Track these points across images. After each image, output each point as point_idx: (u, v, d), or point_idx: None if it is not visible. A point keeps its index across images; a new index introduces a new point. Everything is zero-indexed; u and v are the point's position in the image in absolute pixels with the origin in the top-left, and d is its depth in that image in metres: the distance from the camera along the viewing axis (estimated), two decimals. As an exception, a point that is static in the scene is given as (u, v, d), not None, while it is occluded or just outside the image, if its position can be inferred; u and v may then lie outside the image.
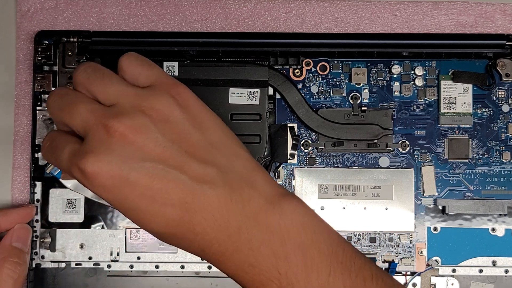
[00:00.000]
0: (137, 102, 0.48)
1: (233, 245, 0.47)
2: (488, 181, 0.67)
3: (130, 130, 0.47)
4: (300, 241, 0.47)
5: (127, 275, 0.66)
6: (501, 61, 0.66)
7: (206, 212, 0.47)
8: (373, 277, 0.48)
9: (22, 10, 0.68)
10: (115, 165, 0.46)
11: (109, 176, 0.46)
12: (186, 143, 0.48)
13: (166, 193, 0.47)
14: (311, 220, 0.49)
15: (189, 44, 0.65)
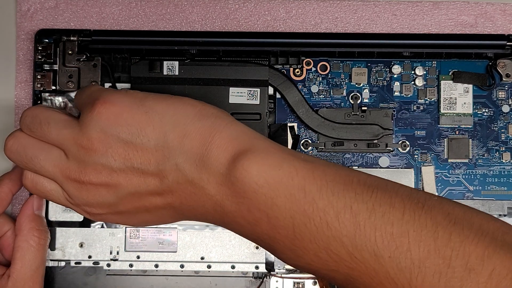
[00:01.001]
0: (79, 144, 0.52)
1: (222, 221, 0.52)
2: (488, 182, 0.67)
3: (93, 176, 0.52)
4: (261, 203, 0.48)
5: (127, 274, 0.66)
6: (502, 62, 0.66)
7: (187, 205, 0.52)
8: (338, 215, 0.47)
9: (22, 10, 0.68)
10: (105, 206, 0.54)
11: (109, 214, 0.55)
12: (136, 158, 0.51)
13: (150, 204, 0.53)
14: (268, 175, 0.49)
15: (189, 44, 0.65)
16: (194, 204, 0.52)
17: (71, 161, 0.53)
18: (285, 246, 0.49)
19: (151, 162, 0.51)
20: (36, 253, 0.60)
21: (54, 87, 0.66)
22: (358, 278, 0.47)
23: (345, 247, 0.46)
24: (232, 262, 0.66)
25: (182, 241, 0.66)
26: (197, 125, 0.51)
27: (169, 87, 0.64)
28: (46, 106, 0.63)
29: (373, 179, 0.50)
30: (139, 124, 0.51)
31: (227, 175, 0.49)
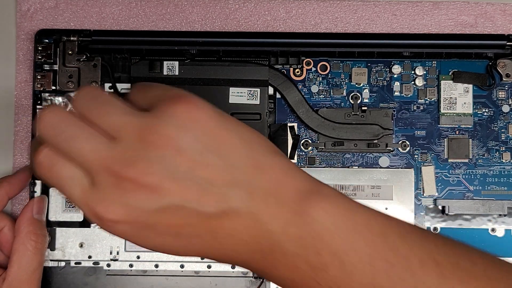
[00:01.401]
0: (142, 136, 0.44)
1: (270, 264, 0.46)
2: (488, 182, 0.67)
3: (141, 174, 0.43)
4: (335, 247, 0.44)
5: (127, 274, 0.66)
6: (502, 62, 0.66)
7: (235, 238, 0.45)
8: (423, 264, 0.45)
9: (22, 10, 0.68)
10: (133, 212, 0.44)
11: (127, 223, 0.44)
12: (202, 171, 0.44)
13: (189, 226, 0.44)
14: (344, 218, 0.45)
15: (189, 44, 0.65)
16: (243, 240, 0.46)
17: (120, 151, 0.45)
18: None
19: (217, 182, 0.45)
20: (33, 256, 0.60)
21: (54, 87, 0.66)
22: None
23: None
24: (232, 262, 0.66)
25: (182, 241, 0.66)
26: (272, 159, 0.47)
27: (169, 87, 0.64)
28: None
29: (443, 238, 0.48)
30: (218, 138, 0.45)
31: (300, 214, 0.45)
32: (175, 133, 0.44)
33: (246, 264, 0.47)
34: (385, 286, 0.44)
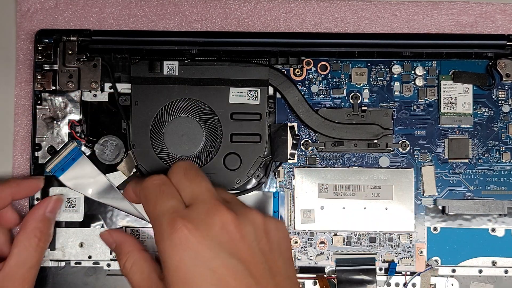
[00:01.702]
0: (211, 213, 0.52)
1: None
2: (488, 181, 0.67)
3: (234, 223, 0.51)
4: None
5: (127, 274, 0.66)
6: (502, 62, 0.67)
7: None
8: None
9: (22, 10, 0.68)
10: (204, 243, 0.49)
11: (192, 247, 0.49)
12: (272, 263, 0.51)
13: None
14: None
15: (189, 44, 0.65)
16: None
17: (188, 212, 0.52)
18: None
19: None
20: (33, 253, 0.60)
21: (54, 87, 0.66)
22: None
23: None
24: (232, 262, 0.66)
25: (182, 241, 0.66)
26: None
27: (169, 87, 0.64)
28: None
29: None
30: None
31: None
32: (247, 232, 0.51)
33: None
34: None
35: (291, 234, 0.66)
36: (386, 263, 0.66)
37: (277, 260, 0.52)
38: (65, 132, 0.66)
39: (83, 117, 0.66)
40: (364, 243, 0.66)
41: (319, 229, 0.66)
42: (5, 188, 0.62)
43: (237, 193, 0.65)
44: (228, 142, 0.64)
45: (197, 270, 0.48)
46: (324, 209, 0.66)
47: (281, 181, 0.67)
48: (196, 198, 0.53)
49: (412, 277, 0.66)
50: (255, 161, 0.65)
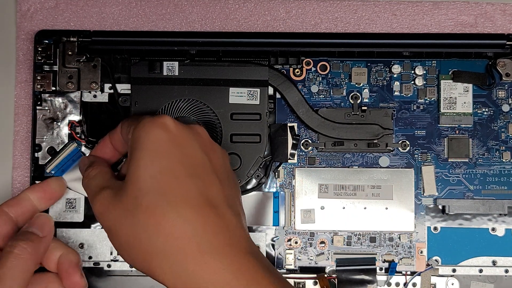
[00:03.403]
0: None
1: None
2: (488, 181, 0.67)
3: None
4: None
5: (127, 274, 0.66)
6: (501, 61, 0.66)
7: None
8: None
9: (22, 10, 0.68)
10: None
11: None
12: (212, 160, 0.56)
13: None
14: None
15: (189, 44, 0.65)
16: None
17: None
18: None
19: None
20: (15, 269, 0.54)
21: (54, 88, 0.66)
22: None
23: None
24: (232, 262, 0.66)
25: (182, 241, 0.66)
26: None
27: (169, 87, 0.64)
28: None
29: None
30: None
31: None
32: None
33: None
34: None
35: (291, 234, 0.66)
36: (386, 263, 0.66)
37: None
38: (65, 132, 0.66)
39: (83, 117, 0.66)
40: (364, 243, 0.66)
41: (319, 229, 0.66)
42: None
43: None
44: (228, 142, 0.64)
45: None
46: (324, 209, 0.66)
47: (281, 181, 0.67)
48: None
49: (412, 277, 0.66)
50: (255, 161, 0.65)
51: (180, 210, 0.49)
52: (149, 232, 0.49)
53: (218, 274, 0.48)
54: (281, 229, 0.66)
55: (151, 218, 0.49)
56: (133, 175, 0.51)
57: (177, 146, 0.52)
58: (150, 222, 0.49)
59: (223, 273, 0.48)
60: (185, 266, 0.48)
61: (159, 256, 0.49)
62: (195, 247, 0.48)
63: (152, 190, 0.50)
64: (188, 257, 0.48)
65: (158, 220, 0.49)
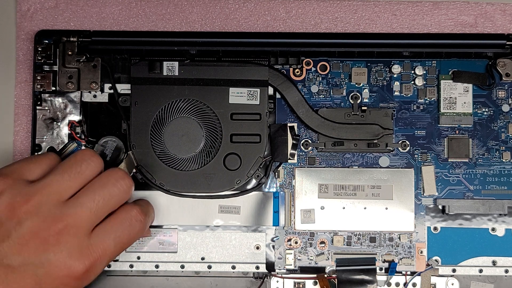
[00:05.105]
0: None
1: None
2: (488, 181, 0.67)
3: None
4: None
5: (127, 274, 0.66)
6: (501, 61, 0.66)
7: None
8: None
9: (22, 10, 0.68)
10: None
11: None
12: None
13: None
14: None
15: (189, 44, 0.65)
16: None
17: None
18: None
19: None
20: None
21: (54, 88, 0.66)
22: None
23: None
24: (232, 262, 0.66)
25: (182, 241, 0.66)
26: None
27: (169, 87, 0.64)
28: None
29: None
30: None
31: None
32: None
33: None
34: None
35: (291, 234, 0.66)
36: (386, 263, 0.66)
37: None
38: (65, 132, 0.66)
39: (83, 117, 0.66)
40: (364, 243, 0.66)
41: (319, 229, 0.66)
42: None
43: (237, 193, 0.66)
44: (228, 143, 0.65)
45: None
46: (324, 209, 0.66)
47: (281, 181, 0.67)
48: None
49: (412, 277, 0.66)
50: (255, 161, 0.65)
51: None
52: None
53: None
54: (281, 229, 0.66)
55: None
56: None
57: None
58: None
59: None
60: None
61: None
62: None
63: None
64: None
65: None
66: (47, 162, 0.58)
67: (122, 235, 0.57)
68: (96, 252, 0.55)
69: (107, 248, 0.56)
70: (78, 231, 0.54)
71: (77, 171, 0.57)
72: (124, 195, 0.58)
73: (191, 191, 0.65)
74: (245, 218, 0.66)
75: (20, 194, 0.54)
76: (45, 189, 0.55)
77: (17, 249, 0.52)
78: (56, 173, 0.56)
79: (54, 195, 0.55)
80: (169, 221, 0.66)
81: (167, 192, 0.64)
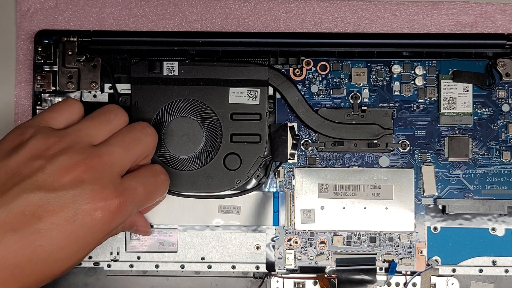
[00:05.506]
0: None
1: None
2: (488, 181, 0.67)
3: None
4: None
5: (127, 274, 0.66)
6: (501, 61, 0.66)
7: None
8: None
9: (22, 10, 0.68)
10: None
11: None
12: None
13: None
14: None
15: (189, 44, 0.65)
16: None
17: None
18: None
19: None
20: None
21: (54, 88, 0.66)
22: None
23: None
24: (232, 262, 0.66)
25: (182, 241, 0.66)
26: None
27: (169, 87, 0.64)
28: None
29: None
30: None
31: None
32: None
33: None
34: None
35: (291, 234, 0.66)
36: (386, 263, 0.66)
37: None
38: (65, 132, 0.66)
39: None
40: (364, 243, 0.66)
41: (319, 229, 0.66)
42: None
43: (237, 193, 0.66)
44: (228, 142, 0.65)
45: None
46: (324, 209, 0.66)
47: (281, 181, 0.67)
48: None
49: (412, 276, 0.66)
50: (255, 161, 0.65)
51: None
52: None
53: None
54: (281, 229, 0.66)
55: None
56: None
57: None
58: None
59: None
60: None
61: None
62: None
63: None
64: None
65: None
66: (68, 109, 0.59)
67: (150, 184, 0.58)
68: (128, 191, 0.55)
69: (138, 193, 0.56)
70: (111, 168, 0.55)
71: (106, 119, 0.58)
72: (150, 143, 0.60)
73: (191, 191, 0.65)
74: (245, 218, 0.66)
75: (51, 135, 0.55)
76: (76, 132, 0.56)
77: (53, 179, 0.52)
78: (86, 120, 0.58)
79: (86, 137, 0.56)
80: (169, 221, 0.66)
81: (167, 192, 0.64)
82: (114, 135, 0.57)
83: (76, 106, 0.59)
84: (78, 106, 0.60)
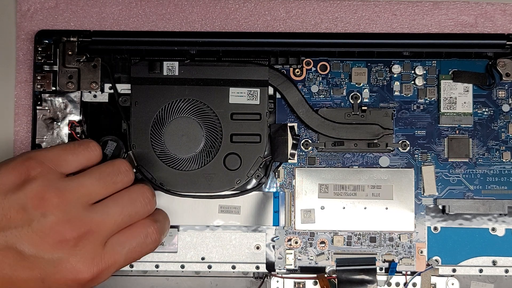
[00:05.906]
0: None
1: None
2: (488, 181, 0.67)
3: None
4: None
5: (127, 274, 0.66)
6: (501, 61, 0.66)
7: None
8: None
9: (22, 10, 0.68)
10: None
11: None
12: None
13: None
14: None
15: (189, 44, 0.65)
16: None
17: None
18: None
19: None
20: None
21: (54, 88, 0.66)
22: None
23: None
24: (232, 262, 0.66)
25: (182, 241, 0.66)
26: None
27: (169, 87, 0.64)
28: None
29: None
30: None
31: None
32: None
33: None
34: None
35: (291, 234, 0.66)
36: (386, 263, 0.66)
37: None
38: (65, 132, 0.66)
39: (83, 117, 0.66)
40: (364, 243, 0.66)
41: (319, 229, 0.66)
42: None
43: (237, 193, 0.66)
44: (228, 142, 0.64)
45: None
46: (324, 209, 0.66)
47: (281, 181, 0.67)
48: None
49: (412, 276, 0.66)
50: (255, 161, 0.65)
51: None
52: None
53: None
54: (281, 229, 0.66)
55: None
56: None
57: None
58: None
59: None
60: None
61: None
62: None
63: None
64: None
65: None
66: (85, 154, 0.59)
67: (134, 250, 0.58)
68: (106, 262, 0.56)
69: (117, 261, 0.57)
70: (96, 238, 0.55)
71: (112, 181, 0.58)
72: (147, 214, 0.60)
73: (191, 191, 0.65)
74: (245, 218, 0.66)
75: (52, 187, 0.54)
76: (78, 189, 0.55)
77: (34, 239, 0.52)
78: (92, 177, 0.57)
79: (84, 197, 0.56)
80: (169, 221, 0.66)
81: (167, 192, 0.64)
82: (114, 201, 0.58)
83: (94, 154, 0.59)
84: (96, 155, 0.60)
